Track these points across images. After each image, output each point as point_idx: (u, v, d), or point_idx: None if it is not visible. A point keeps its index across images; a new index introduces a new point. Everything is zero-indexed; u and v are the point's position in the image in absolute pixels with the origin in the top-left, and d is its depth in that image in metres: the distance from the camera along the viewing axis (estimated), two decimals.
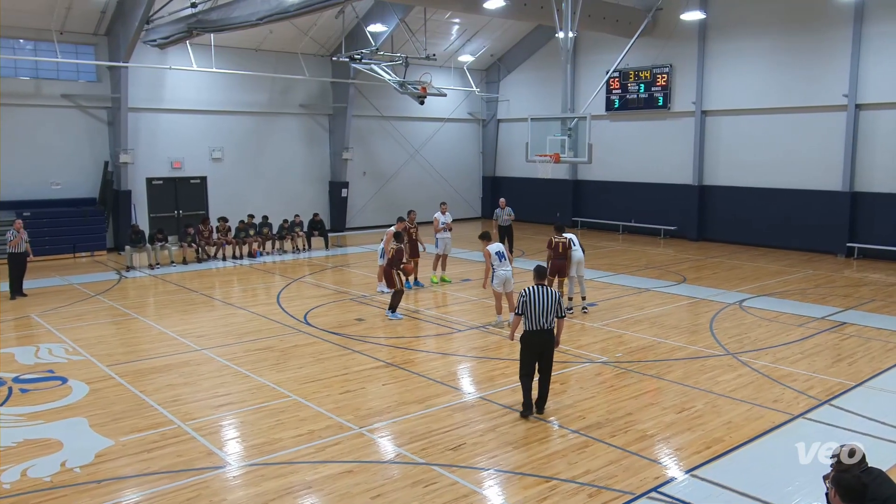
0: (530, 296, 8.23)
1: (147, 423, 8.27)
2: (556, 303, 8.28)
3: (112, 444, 7.68)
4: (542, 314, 8.19)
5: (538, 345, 8.31)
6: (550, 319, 8.24)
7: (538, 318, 8.19)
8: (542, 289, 8.34)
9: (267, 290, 16.37)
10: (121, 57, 20.28)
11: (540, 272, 8.79)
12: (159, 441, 7.76)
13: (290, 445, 7.63)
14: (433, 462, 7.22)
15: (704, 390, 9.27)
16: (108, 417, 8.47)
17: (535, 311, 8.18)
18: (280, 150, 25.34)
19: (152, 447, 7.61)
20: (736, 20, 22.09)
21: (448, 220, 17.02)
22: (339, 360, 10.77)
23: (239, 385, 9.70)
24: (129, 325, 13.14)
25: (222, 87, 23.40)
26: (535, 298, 8.21)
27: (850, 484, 4.41)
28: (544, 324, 8.22)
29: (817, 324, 12.69)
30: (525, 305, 8.23)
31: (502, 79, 30.30)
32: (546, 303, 8.21)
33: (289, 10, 16.26)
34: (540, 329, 8.23)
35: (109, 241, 21.59)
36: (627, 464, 7.14)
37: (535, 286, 8.38)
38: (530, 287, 8.36)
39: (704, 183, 23.57)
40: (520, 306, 8.30)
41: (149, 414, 8.59)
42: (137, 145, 21.69)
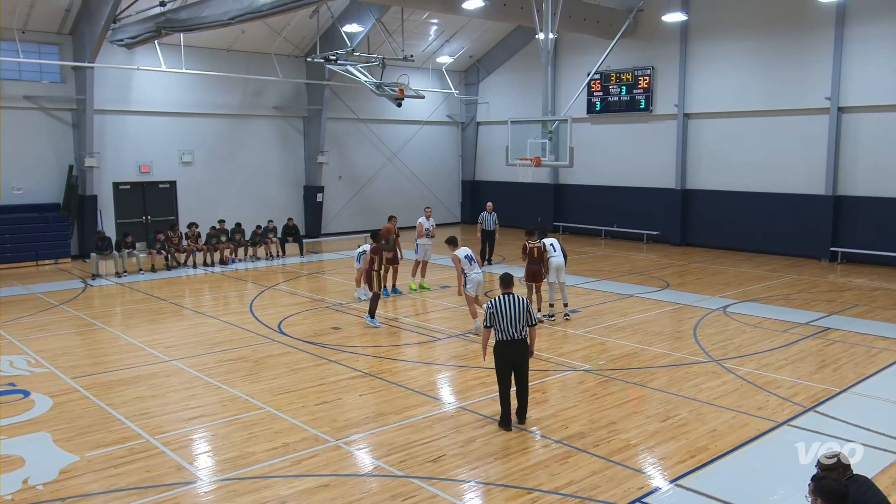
0: (498, 306, 8.17)
1: (114, 438, 8.15)
2: (525, 311, 8.22)
3: (77, 460, 7.56)
4: (512, 323, 8.13)
5: (511, 355, 8.24)
6: (522, 328, 8.18)
7: (508, 328, 8.14)
8: (509, 297, 8.28)
9: (239, 299, 16.25)
10: (86, 57, 20.05)
11: (506, 280, 8.72)
12: (127, 456, 7.66)
13: (263, 459, 7.57)
14: (412, 474, 7.20)
15: (689, 398, 9.34)
16: (72, 432, 8.35)
17: (504, 321, 8.14)
18: (253, 154, 25.20)
19: (120, 462, 7.50)
20: (718, 22, 22.39)
21: (432, 226, 17.05)
22: (315, 371, 10.71)
23: (210, 397, 9.60)
24: (94, 336, 12.97)
25: (192, 88, 23.24)
26: (502, 308, 8.16)
27: (831, 488, 4.48)
28: (514, 333, 8.15)
29: (801, 329, 12.86)
30: (493, 317, 8.18)
31: (481, 81, 30.42)
32: (516, 311, 8.15)
33: (261, 9, 16.21)
34: (511, 339, 8.17)
35: (74, 249, 21.32)
36: (611, 474, 7.17)
37: (501, 295, 8.34)
38: (497, 297, 8.30)
39: (687, 187, 23.82)
40: (487, 318, 8.25)
41: (116, 428, 8.47)
42: (103, 149, 21.46)
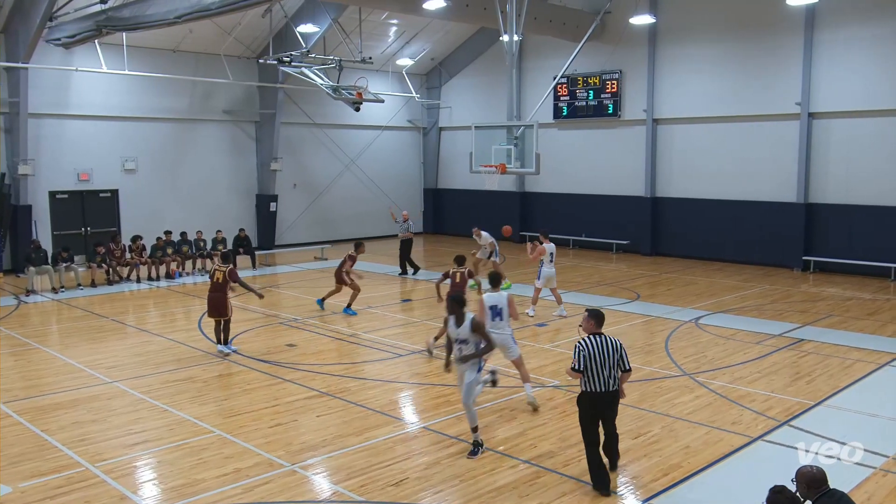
0: (589, 348, 7.15)
1: (50, 466, 7.95)
2: (619, 355, 7.23)
3: (10, 491, 7.35)
4: (605, 370, 7.13)
5: (602, 409, 7.31)
6: (614, 376, 7.21)
7: (599, 377, 7.12)
8: (601, 338, 7.23)
9: (186, 315, 16.01)
10: (19, 57, 19.62)
11: (598, 317, 7.42)
12: (65, 486, 7.47)
13: (213, 486, 7.45)
14: (373, 499, 7.15)
15: (661, 413, 9.45)
16: (4, 461, 8.11)
17: (596, 367, 7.11)
18: (201, 161, 24.91)
19: (56, 493, 7.31)
20: (687, 25, 22.85)
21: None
22: (269, 391, 10.59)
23: (155, 420, 9.43)
24: (29, 356, 12.66)
25: (136, 91, 22.91)
26: (594, 351, 7.12)
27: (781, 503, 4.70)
28: (607, 383, 7.15)
29: (775, 341, 13.12)
30: (586, 360, 7.12)
31: (444, 84, 30.57)
32: (610, 356, 7.16)
33: (210, 7, 16.10)
34: (604, 391, 7.16)
35: (6, 263, 20.77)
36: (581, 494, 7.21)
37: (592, 336, 7.29)
38: (587, 338, 7.25)
39: (657, 195, 24.19)
40: (578, 360, 7.13)
41: (52, 455, 8.27)
42: (39, 155, 21.00)
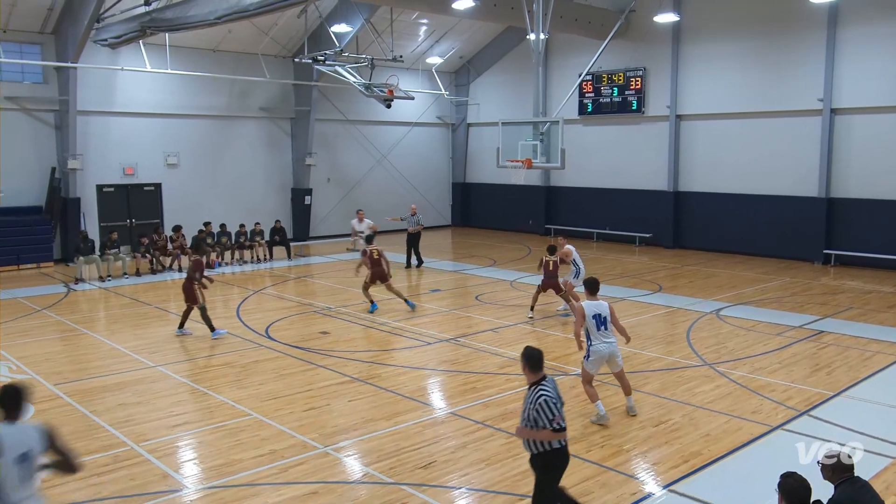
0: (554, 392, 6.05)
1: (97, 445, 8.10)
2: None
3: None
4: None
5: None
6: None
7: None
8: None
9: (225, 303, 16.18)
10: (69, 57, 19.95)
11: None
12: (111, 464, 7.61)
13: (250, 466, 7.53)
14: (402, 481, 7.18)
15: (682, 402, 9.37)
16: None
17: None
18: (239, 156, 25.12)
19: (103, 471, 7.44)
20: (710, 23, 22.50)
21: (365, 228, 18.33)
22: (303, 376, 10.67)
23: (196, 403, 9.56)
24: (78, 341, 12.88)
25: (178, 89, 23.15)
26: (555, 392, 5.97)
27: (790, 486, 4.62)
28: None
29: (795, 332, 12.92)
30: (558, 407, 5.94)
31: (472, 82, 30.45)
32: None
33: (248, 8, 16.17)
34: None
35: (57, 253, 21.17)
36: (604, 479, 7.18)
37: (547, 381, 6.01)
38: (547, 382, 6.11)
39: (680, 189, 23.91)
40: (555, 412, 5.90)
41: (99, 435, 8.42)
42: (87, 150, 21.33)
